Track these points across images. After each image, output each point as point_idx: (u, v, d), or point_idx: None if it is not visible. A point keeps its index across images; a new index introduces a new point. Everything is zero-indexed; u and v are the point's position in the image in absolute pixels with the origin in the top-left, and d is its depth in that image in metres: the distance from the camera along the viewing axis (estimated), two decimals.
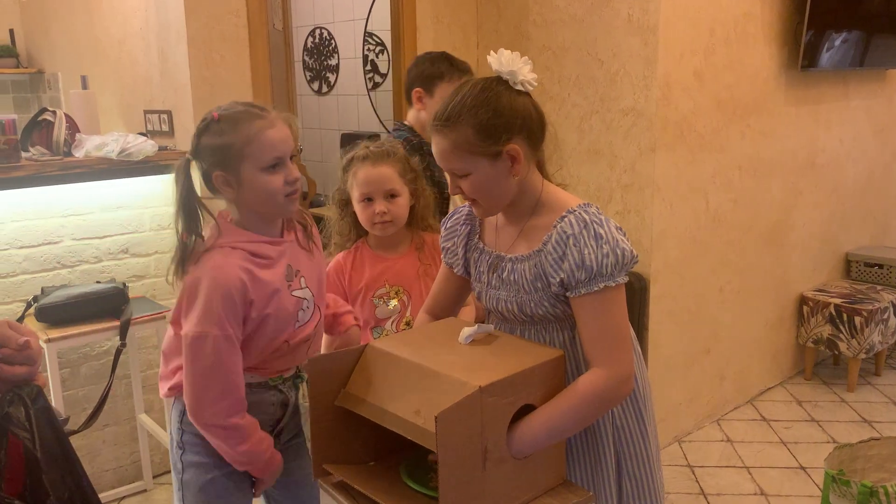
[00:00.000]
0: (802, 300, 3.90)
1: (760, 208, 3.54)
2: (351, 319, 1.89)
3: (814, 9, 3.33)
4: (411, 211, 2.03)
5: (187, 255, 1.54)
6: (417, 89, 2.41)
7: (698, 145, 3.15)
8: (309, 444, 1.65)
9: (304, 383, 1.72)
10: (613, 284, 1.36)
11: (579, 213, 1.39)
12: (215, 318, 1.50)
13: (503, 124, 1.38)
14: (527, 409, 1.32)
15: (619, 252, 1.35)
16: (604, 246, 1.35)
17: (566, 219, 1.39)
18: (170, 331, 1.66)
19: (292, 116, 1.64)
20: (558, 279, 1.38)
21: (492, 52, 1.41)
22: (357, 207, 2.00)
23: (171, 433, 1.71)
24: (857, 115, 3.99)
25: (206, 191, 1.59)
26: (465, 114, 1.37)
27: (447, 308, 1.69)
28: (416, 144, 2.37)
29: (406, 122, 2.49)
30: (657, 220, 3.03)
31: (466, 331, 1.41)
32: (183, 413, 1.63)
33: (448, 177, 1.46)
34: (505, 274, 1.48)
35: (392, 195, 1.97)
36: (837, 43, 3.54)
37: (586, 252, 1.35)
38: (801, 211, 3.80)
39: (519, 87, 1.40)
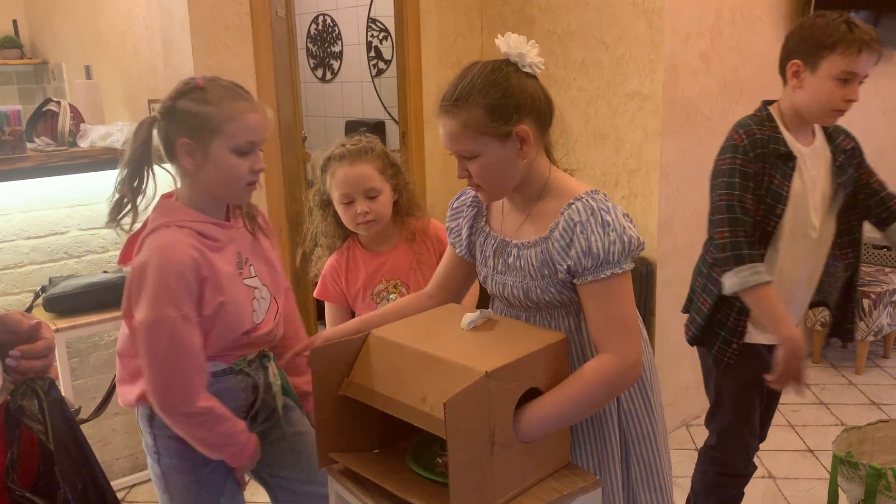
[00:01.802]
0: None
1: None
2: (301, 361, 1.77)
3: None
4: (396, 204, 1.99)
5: (121, 212, 1.52)
6: (795, 61, 1.88)
7: (705, 129, 3.13)
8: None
9: (272, 361, 1.68)
10: (620, 271, 1.36)
11: (586, 200, 1.39)
12: (169, 298, 1.43)
13: (513, 105, 1.37)
14: (531, 392, 1.32)
15: (625, 239, 1.35)
16: (611, 233, 1.35)
17: (573, 206, 1.39)
18: (124, 328, 1.58)
19: (269, 108, 1.60)
20: (565, 266, 1.38)
21: (499, 35, 1.40)
22: (339, 209, 1.95)
23: (144, 442, 1.66)
24: (866, 97, 3.91)
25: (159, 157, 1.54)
26: (475, 93, 1.36)
27: (452, 292, 1.68)
28: (757, 141, 1.86)
29: (768, 108, 1.95)
30: (664, 204, 3.01)
31: (468, 316, 1.41)
32: (152, 418, 1.59)
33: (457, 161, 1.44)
34: (511, 259, 1.48)
35: (373, 194, 1.92)
36: None
37: (593, 239, 1.35)
38: None
39: (527, 70, 1.40)
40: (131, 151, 1.51)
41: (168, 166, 1.58)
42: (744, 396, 2.06)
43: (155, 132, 1.52)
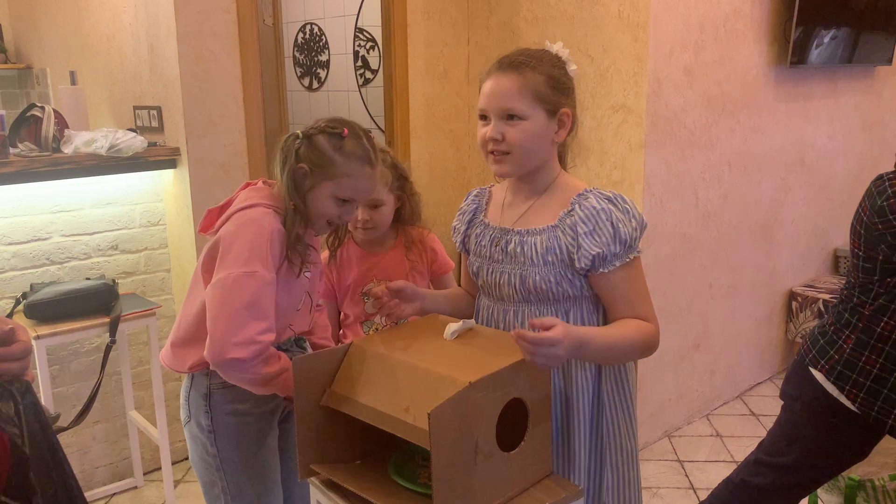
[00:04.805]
0: (791, 296, 3.92)
1: (750, 204, 3.56)
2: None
3: (803, 5, 3.34)
4: (398, 211, 2.03)
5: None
6: None
7: (688, 141, 3.16)
8: None
9: (307, 344, 1.80)
10: (638, 254, 1.46)
11: (598, 192, 1.46)
12: (261, 259, 1.52)
13: (569, 87, 1.47)
14: (513, 404, 1.33)
15: (642, 224, 1.46)
16: (632, 220, 1.44)
17: (588, 197, 1.45)
18: (185, 316, 1.67)
19: (388, 173, 1.76)
20: (593, 253, 1.42)
21: (547, 41, 1.50)
22: None
23: (195, 424, 1.71)
24: (846, 112, 4.01)
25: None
26: (543, 63, 1.45)
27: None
28: None
29: None
30: (647, 216, 3.04)
31: (451, 327, 1.42)
32: (209, 396, 1.67)
33: (489, 125, 1.45)
34: (510, 247, 1.50)
35: (375, 204, 1.97)
36: (826, 40, 3.56)
37: (620, 226, 1.42)
38: (791, 207, 3.82)
39: (571, 75, 1.50)
40: (287, 164, 1.61)
41: None
42: (843, 464, 1.98)
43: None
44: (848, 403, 1.87)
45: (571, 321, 1.48)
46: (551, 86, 1.43)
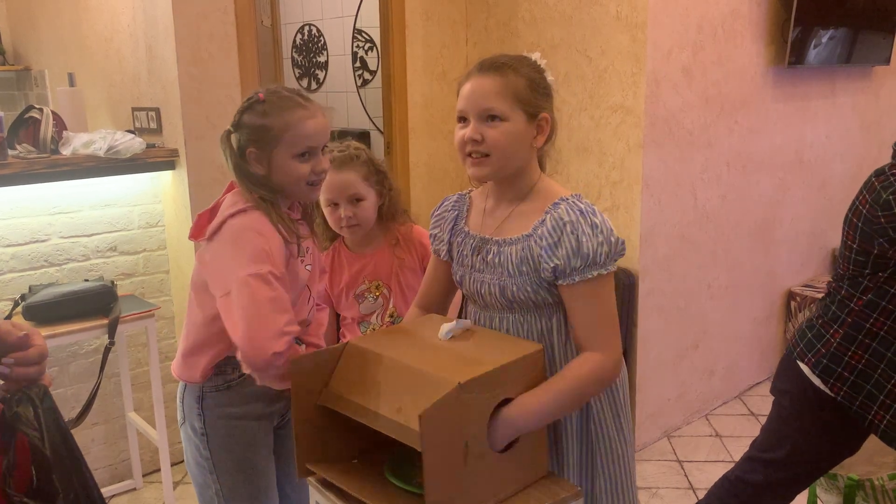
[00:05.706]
0: (790, 295, 3.92)
1: (748, 204, 3.56)
2: None
3: (801, 6, 3.34)
4: (380, 209, 2.04)
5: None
6: None
7: (686, 142, 3.16)
8: None
9: (303, 346, 1.77)
10: (606, 272, 1.40)
11: (572, 202, 1.43)
12: (267, 258, 1.51)
13: (548, 92, 1.48)
14: (507, 403, 1.33)
15: (612, 241, 1.40)
16: (598, 235, 1.39)
17: (560, 206, 1.43)
18: (193, 319, 1.66)
19: (331, 109, 1.69)
20: (552, 265, 1.40)
21: (525, 51, 1.50)
22: (325, 211, 2.02)
23: (189, 426, 1.71)
24: (844, 112, 4.01)
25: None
26: (523, 66, 1.45)
27: (439, 298, 1.70)
28: None
29: None
30: (646, 216, 3.04)
31: (446, 327, 1.42)
32: (202, 398, 1.67)
33: (469, 126, 1.44)
34: (490, 256, 1.49)
35: (357, 199, 1.97)
36: (824, 40, 3.56)
37: (584, 240, 1.38)
38: (789, 206, 3.82)
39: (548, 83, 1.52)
40: (232, 164, 1.62)
41: None
42: (834, 458, 1.98)
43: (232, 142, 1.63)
44: (832, 396, 1.88)
45: (556, 327, 1.47)
46: (532, 89, 1.43)
